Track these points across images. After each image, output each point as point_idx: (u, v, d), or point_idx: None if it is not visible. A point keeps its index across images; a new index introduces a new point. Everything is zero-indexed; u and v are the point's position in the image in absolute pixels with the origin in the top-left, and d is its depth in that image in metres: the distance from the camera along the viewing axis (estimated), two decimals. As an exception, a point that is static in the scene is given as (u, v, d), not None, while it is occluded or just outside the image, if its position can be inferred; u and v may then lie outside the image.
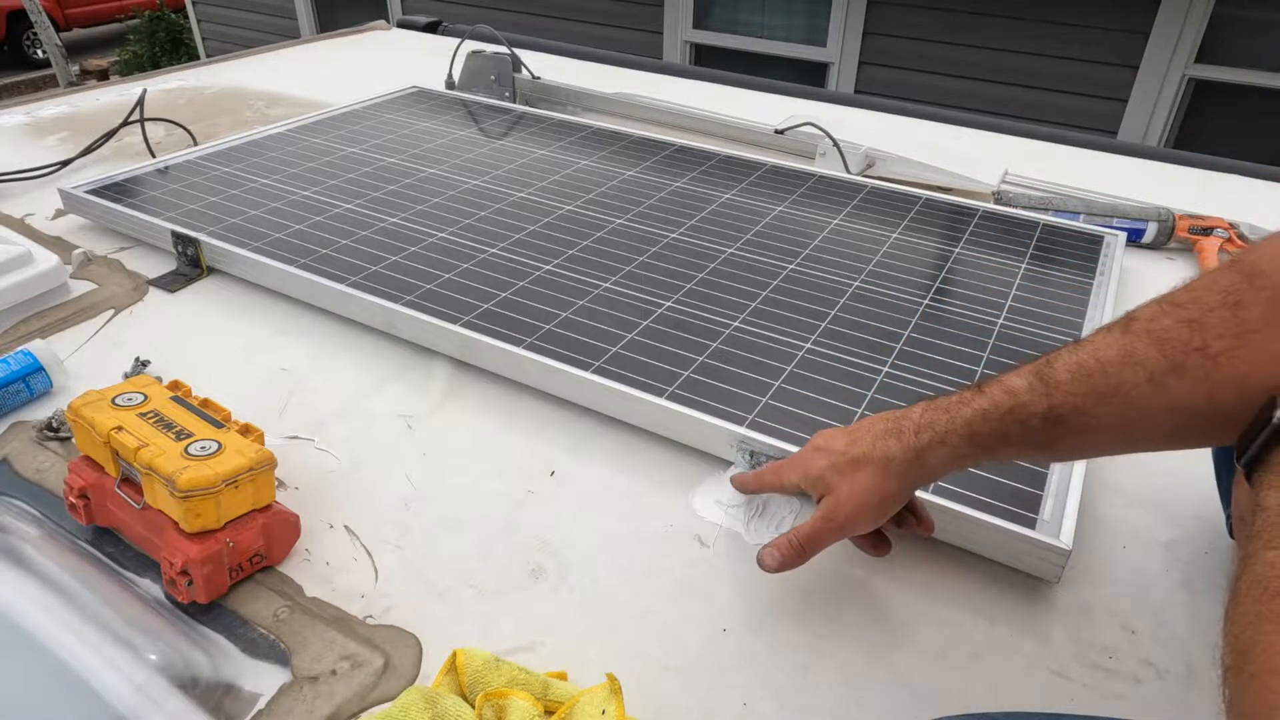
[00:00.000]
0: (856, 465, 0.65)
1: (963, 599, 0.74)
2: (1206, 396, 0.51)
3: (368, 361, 1.04)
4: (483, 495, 0.84)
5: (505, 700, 0.59)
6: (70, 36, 8.77)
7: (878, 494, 0.65)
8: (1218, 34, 3.30)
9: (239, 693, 0.64)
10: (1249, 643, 0.39)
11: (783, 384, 0.93)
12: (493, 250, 1.20)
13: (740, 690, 0.66)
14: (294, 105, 1.94)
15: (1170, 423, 0.53)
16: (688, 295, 1.10)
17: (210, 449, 0.72)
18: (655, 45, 4.45)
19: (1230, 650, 0.40)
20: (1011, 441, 0.59)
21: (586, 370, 0.93)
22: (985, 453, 0.61)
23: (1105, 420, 0.55)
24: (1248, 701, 0.38)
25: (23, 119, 1.83)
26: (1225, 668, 0.40)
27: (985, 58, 3.62)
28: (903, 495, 0.66)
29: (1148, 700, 0.66)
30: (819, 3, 4.00)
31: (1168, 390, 0.52)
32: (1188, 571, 0.77)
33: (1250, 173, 1.66)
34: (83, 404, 0.76)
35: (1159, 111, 3.44)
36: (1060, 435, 0.57)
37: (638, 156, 1.55)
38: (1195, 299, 0.52)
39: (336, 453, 0.89)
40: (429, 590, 0.74)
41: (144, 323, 1.11)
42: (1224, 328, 0.50)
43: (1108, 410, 0.54)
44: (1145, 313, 0.55)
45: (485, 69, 1.97)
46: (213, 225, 1.24)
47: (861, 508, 0.65)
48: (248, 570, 0.73)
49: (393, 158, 1.51)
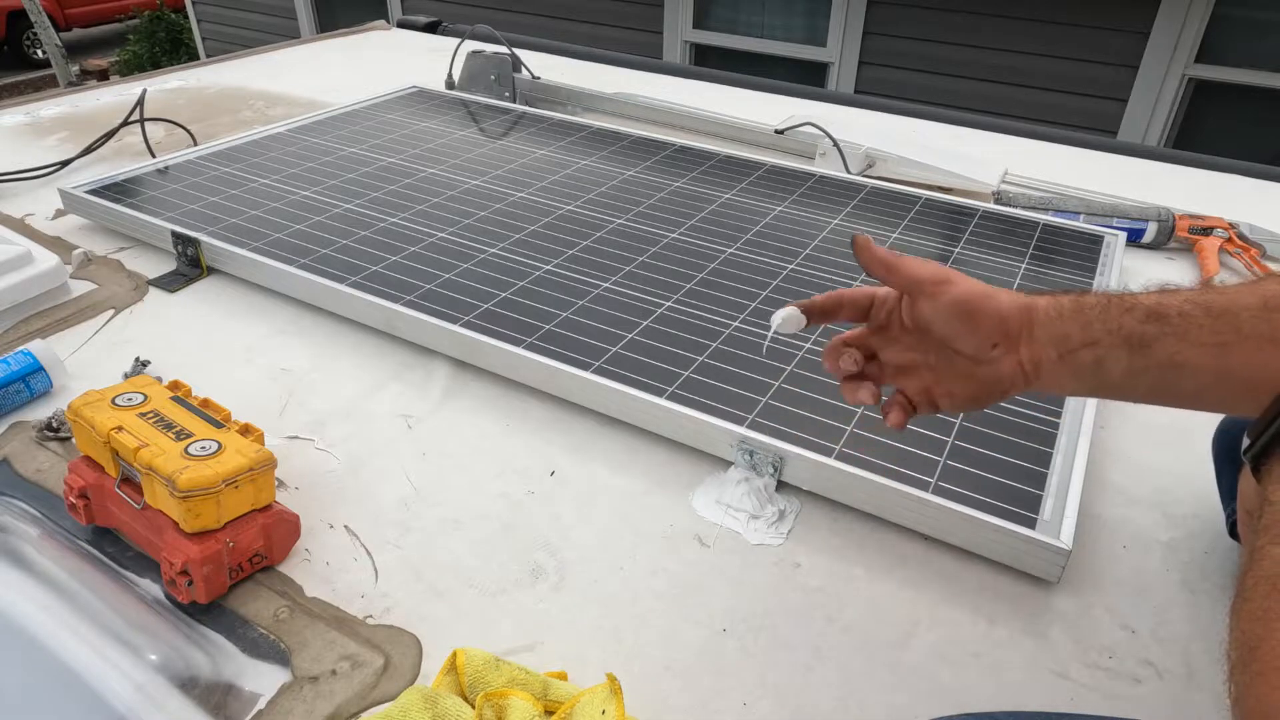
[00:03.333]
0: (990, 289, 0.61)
1: (963, 599, 0.74)
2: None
3: (368, 361, 1.04)
4: (483, 495, 0.84)
5: (505, 700, 0.59)
6: (70, 36, 8.77)
7: (984, 292, 0.60)
8: (1218, 34, 3.30)
9: (239, 693, 0.65)
10: (1256, 639, 0.39)
11: (782, 384, 0.93)
12: (493, 250, 1.20)
13: (740, 690, 0.66)
14: (294, 105, 1.94)
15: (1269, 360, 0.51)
16: (688, 295, 1.10)
17: (210, 449, 0.72)
18: (655, 45, 4.45)
19: (1236, 646, 0.40)
20: (1110, 322, 0.56)
21: (586, 370, 0.93)
22: (1082, 329, 0.57)
23: (1206, 334, 0.53)
24: (1251, 699, 0.38)
25: (23, 119, 1.83)
26: (1230, 664, 0.40)
27: (985, 58, 3.62)
28: (993, 314, 0.60)
29: (1148, 700, 0.66)
30: (819, 3, 4.00)
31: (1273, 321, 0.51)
32: (1188, 571, 0.77)
33: (1250, 173, 1.66)
34: (83, 404, 0.76)
35: (1159, 111, 3.44)
36: (1159, 335, 0.55)
37: (638, 156, 1.55)
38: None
39: (336, 453, 0.89)
40: (429, 590, 0.74)
41: (144, 323, 1.11)
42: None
43: (1213, 324, 0.53)
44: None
45: (485, 69, 1.97)
46: (213, 225, 1.24)
47: (971, 286, 0.60)
48: (248, 570, 0.73)
49: (393, 158, 1.51)
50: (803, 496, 0.84)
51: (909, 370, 0.66)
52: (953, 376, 0.63)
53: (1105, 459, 0.90)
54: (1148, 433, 0.94)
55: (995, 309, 0.60)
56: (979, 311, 0.60)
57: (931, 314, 0.62)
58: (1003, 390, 0.62)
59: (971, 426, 0.88)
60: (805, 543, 0.79)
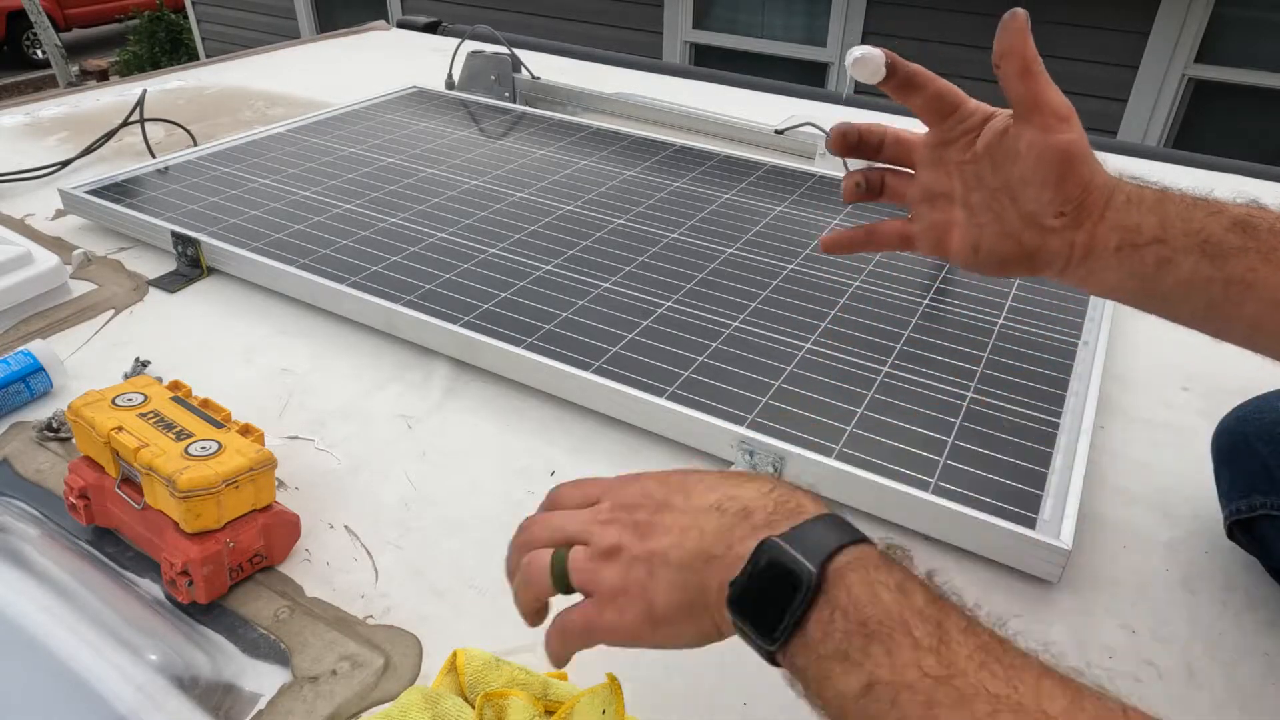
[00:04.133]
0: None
1: (963, 599, 0.74)
2: None
3: (368, 362, 1.04)
4: (483, 495, 0.84)
5: (506, 700, 0.59)
6: (70, 36, 8.77)
7: (1089, 154, 0.54)
8: (1218, 34, 3.30)
9: (239, 693, 0.65)
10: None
11: (783, 384, 0.93)
12: (493, 250, 1.20)
13: (740, 690, 0.66)
14: (294, 105, 1.94)
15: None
16: (687, 295, 1.10)
17: (210, 449, 0.72)
18: (655, 45, 4.45)
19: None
20: (1193, 222, 0.51)
21: (587, 370, 0.93)
22: (1158, 223, 0.52)
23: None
24: None
25: (23, 119, 1.83)
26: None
27: (985, 58, 3.59)
28: (1085, 179, 0.54)
29: (1148, 700, 0.66)
30: (819, 3, 4.00)
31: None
32: (1188, 571, 0.77)
33: (1250, 173, 1.66)
34: (83, 404, 0.76)
35: (1159, 111, 3.44)
36: (1241, 247, 0.49)
37: (638, 156, 1.55)
38: None
39: (337, 453, 0.89)
40: (429, 590, 0.74)
41: (144, 323, 1.11)
42: None
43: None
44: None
45: (485, 69, 1.97)
46: (213, 225, 1.24)
47: (1085, 141, 0.54)
48: (248, 570, 0.73)
49: (393, 158, 1.51)
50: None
51: (941, 200, 0.59)
52: (992, 227, 0.56)
53: (1105, 459, 0.90)
54: (1148, 433, 0.94)
55: (1089, 175, 0.53)
56: (1076, 170, 0.53)
57: (1028, 146, 0.54)
58: (1035, 266, 0.56)
59: (971, 427, 0.88)
60: (805, 543, 0.79)
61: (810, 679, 0.39)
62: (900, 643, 0.37)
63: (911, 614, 0.38)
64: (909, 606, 0.38)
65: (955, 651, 0.36)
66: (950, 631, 0.37)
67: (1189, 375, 1.03)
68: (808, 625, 0.39)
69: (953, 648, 0.37)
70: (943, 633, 0.37)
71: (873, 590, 0.38)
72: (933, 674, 0.36)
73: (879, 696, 0.36)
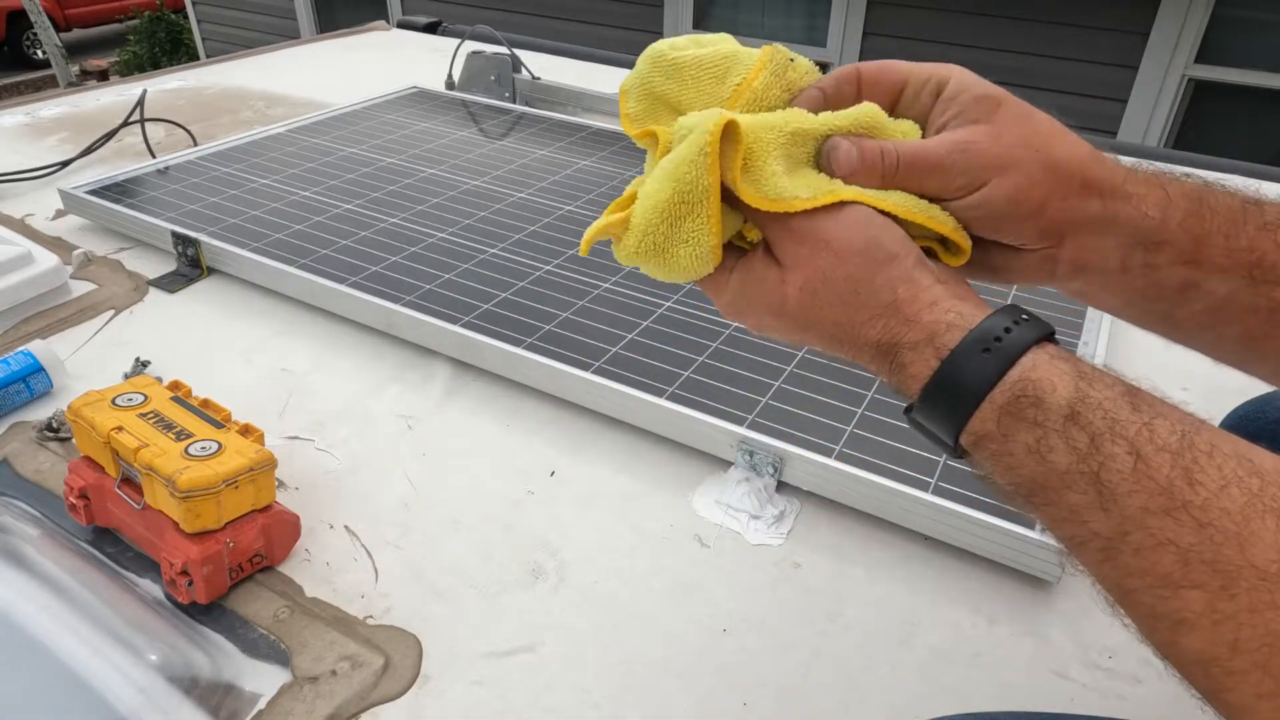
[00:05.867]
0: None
1: (963, 599, 0.74)
2: None
3: (368, 362, 1.04)
4: (483, 495, 0.84)
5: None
6: (70, 36, 8.78)
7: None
8: (1218, 34, 3.30)
9: (239, 693, 0.65)
10: None
11: (783, 384, 0.93)
12: (493, 250, 1.20)
13: (740, 690, 0.66)
14: (294, 105, 1.94)
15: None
16: (688, 295, 1.10)
17: (210, 449, 0.72)
18: (655, 45, 4.44)
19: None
20: (1238, 239, 0.41)
21: (586, 370, 0.93)
22: (1192, 243, 0.42)
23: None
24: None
25: (23, 119, 1.83)
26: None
27: (985, 58, 3.61)
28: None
29: (1148, 700, 0.66)
30: (819, 3, 4.00)
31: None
32: (1188, 571, 0.77)
33: (1250, 173, 1.66)
34: (83, 404, 0.76)
35: (1159, 112, 3.44)
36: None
37: (638, 156, 1.55)
38: None
39: (336, 453, 0.89)
40: (429, 590, 0.74)
41: (144, 323, 1.11)
42: None
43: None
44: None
45: (485, 69, 1.97)
46: (213, 225, 1.24)
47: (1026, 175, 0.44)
48: (248, 570, 0.73)
49: (393, 158, 1.51)
50: (803, 497, 0.84)
51: None
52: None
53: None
54: (1148, 433, 0.94)
55: (1066, 197, 0.44)
56: (1048, 203, 0.44)
57: (965, 213, 0.46)
58: (1003, 279, 0.48)
59: (971, 426, 0.88)
60: (805, 543, 0.79)
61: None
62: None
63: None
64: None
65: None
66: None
67: (1189, 375, 1.03)
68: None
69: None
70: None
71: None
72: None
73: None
